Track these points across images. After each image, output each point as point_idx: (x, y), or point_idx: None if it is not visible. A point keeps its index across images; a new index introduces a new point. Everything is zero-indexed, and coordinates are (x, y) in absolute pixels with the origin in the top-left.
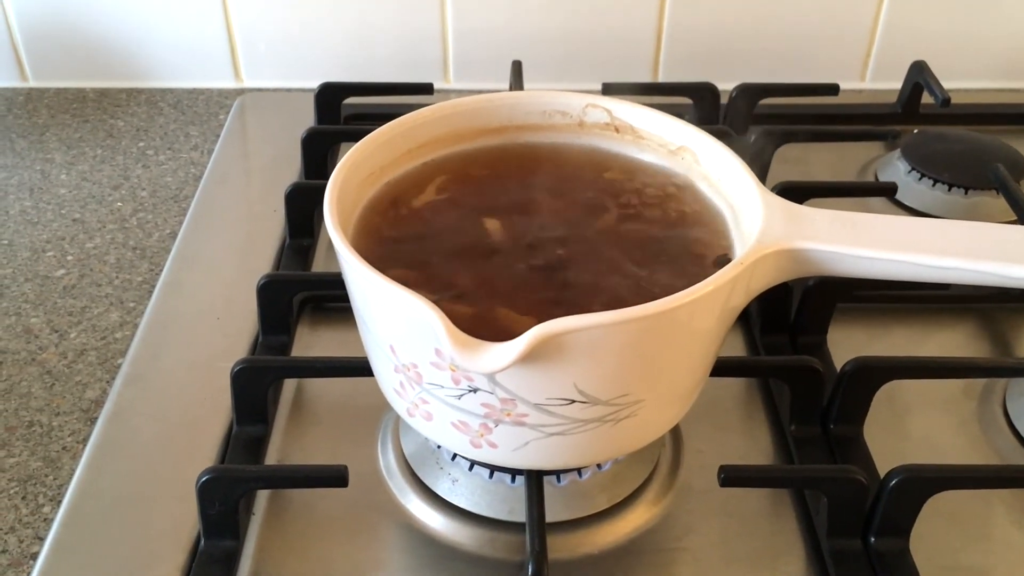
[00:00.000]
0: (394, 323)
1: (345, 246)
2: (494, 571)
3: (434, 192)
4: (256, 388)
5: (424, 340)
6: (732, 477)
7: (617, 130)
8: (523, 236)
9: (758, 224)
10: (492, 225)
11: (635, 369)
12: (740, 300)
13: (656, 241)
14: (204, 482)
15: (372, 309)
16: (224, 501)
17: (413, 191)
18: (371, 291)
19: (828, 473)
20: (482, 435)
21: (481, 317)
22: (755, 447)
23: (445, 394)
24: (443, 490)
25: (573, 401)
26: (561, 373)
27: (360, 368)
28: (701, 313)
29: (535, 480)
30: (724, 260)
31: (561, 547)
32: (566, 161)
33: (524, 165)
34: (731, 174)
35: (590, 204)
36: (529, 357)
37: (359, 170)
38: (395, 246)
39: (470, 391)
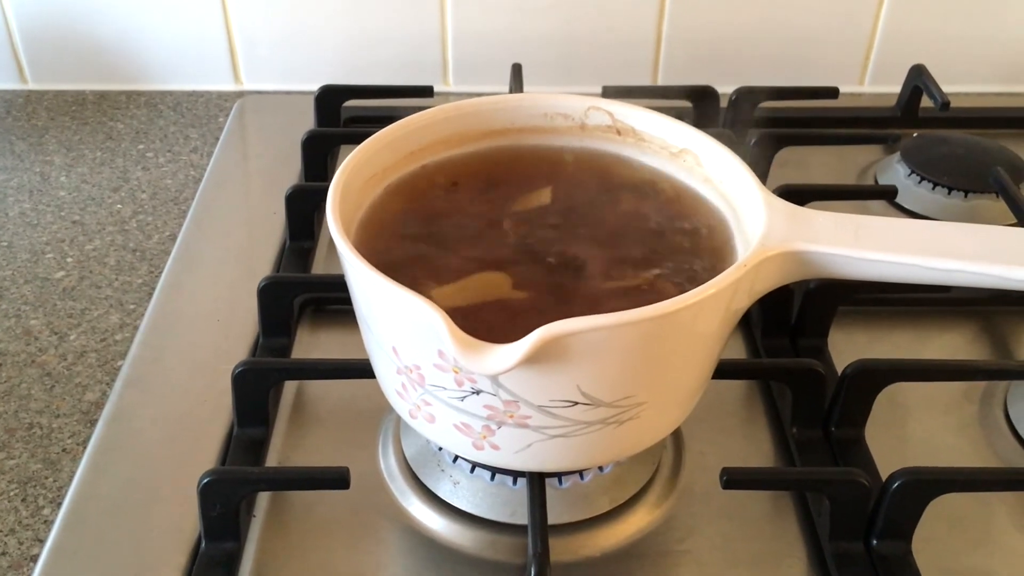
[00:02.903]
0: (397, 325)
1: (348, 247)
2: (495, 574)
3: (437, 194)
4: (257, 390)
5: (427, 342)
6: (734, 479)
7: (619, 132)
8: (525, 237)
9: (761, 226)
10: (495, 226)
11: (638, 371)
12: (743, 303)
13: (658, 243)
14: (205, 484)
15: (375, 310)
16: (225, 503)
17: (416, 193)
18: (374, 292)
19: (830, 476)
20: (485, 437)
21: (484, 318)
22: (757, 450)
23: (448, 396)
24: (444, 492)
25: (576, 403)
26: (564, 375)
27: (362, 370)
28: (705, 315)
29: (537, 482)
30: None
31: (563, 549)
32: (568, 163)
33: (526, 167)
34: (733, 176)
35: (592, 206)
36: (533, 359)
37: (361, 172)
38: (398, 247)
39: (473, 393)
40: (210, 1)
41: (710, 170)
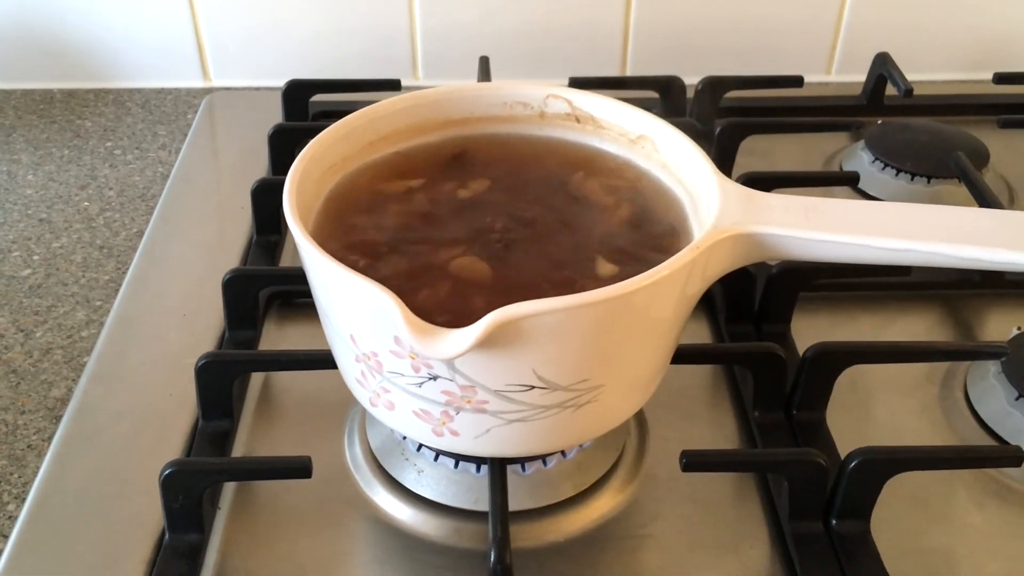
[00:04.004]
0: (353, 312)
1: (303, 235)
2: (461, 561)
3: (396, 183)
4: (221, 382)
5: (383, 328)
6: (693, 462)
7: (578, 120)
8: (484, 225)
9: (714, 210)
10: (454, 214)
11: (594, 354)
12: (697, 286)
13: (616, 228)
14: (167, 475)
15: (331, 298)
16: (188, 494)
17: (375, 183)
18: (330, 279)
19: (788, 456)
20: (444, 423)
21: (442, 304)
22: (720, 434)
23: (406, 382)
24: (409, 481)
25: (533, 387)
26: (519, 359)
27: (324, 361)
28: (658, 298)
29: (498, 467)
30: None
31: (527, 536)
32: (528, 152)
33: (486, 156)
34: (689, 161)
35: (551, 193)
36: (487, 342)
37: (320, 162)
38: (356, 237)
39: (430, 379)
40: None
41: (667, 155)
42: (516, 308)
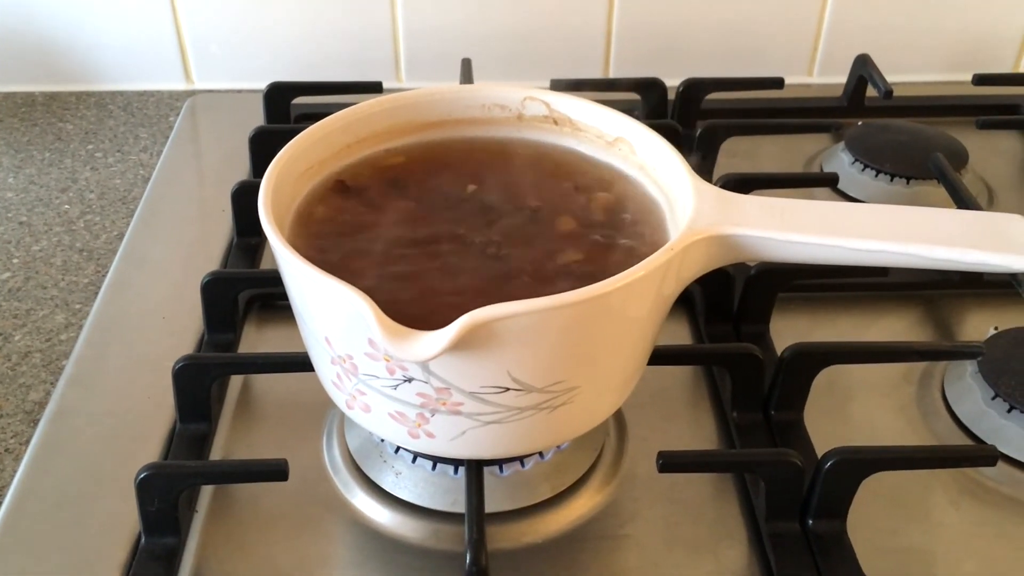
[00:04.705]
0: (328, 314)
1: (277, 238)
2: (439, 563)
3: (373, 186)
4: (198, 385)
5: (357, 330)
6: (670, 463)
7: (555, 122)
8: (461, 227)
9: (689, 211)
10: (431, 217)
11: (568, 356)
12: (672, 287)
13: (594, 230)
14: (143, 478)
15: (306, 300)
16: (163, 497)
17: (352, 185)
18: (304, 282)
19: (764, 457)
20: (419, 425)
21: (418, 307)
22: (700, 434)
23: (381, 385)
24: (387, 483)
25: (507, 389)
26: (494, 361)
27: (303, 363)
28: (633, 299)
29: (475, 469)
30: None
31: (505, 537)
32: (505, 154)
33: (463, 159)
34: (665, 163)
35: (528, 195)
36: (460, 345)
37: (296, 164)
38: (333, 239)
39: (405, 381)
40: (160, 0)
41: (644, 157)
42: (489, 310)
